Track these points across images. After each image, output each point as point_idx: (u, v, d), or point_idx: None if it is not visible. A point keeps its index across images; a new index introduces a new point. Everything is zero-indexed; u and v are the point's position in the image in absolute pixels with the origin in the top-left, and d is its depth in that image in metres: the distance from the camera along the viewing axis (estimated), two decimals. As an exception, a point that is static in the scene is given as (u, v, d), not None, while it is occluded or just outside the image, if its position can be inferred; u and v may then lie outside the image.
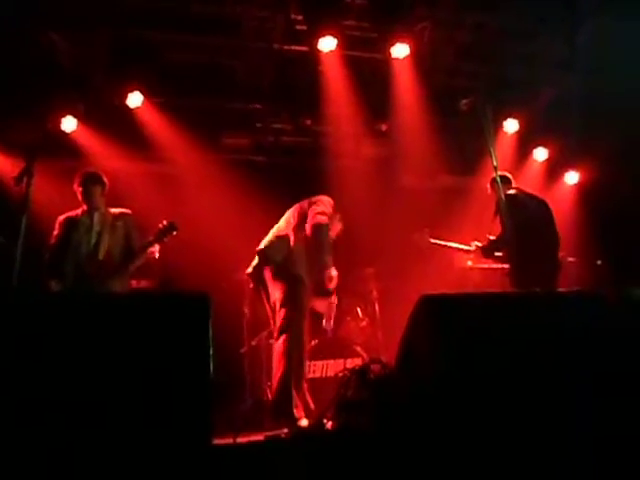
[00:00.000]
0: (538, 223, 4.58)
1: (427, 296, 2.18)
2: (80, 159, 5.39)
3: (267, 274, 4.02)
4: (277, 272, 3.97)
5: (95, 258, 4.05)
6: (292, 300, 3.87)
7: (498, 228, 4.37)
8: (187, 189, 5.79)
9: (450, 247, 5.11)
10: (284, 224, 4.20)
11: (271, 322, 4.09)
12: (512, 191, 4.66)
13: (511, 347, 2.09)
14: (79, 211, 4.24)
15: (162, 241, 4.15)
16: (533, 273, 4.17)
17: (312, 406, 3.89)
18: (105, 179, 4.29)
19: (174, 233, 4.13)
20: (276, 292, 3.94)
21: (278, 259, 4.00)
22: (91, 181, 4.21)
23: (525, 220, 4.34)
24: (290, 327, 3.80)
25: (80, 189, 4.19)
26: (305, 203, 4.20)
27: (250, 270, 4.21)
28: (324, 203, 4.15)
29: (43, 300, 2.22)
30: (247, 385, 4.92)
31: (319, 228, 3.95)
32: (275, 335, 3.92)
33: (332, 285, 3.95)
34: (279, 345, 3.81)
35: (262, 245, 4.16)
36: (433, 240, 5.11)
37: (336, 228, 4.33)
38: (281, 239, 4.10)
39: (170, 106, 5.63)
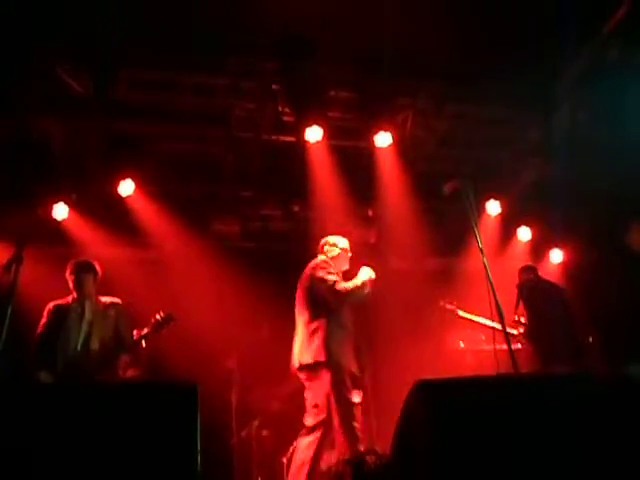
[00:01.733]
0: (558, 307, 4.92)
1: (421, 382, 2.15)
2: (70, 246, 5.40)
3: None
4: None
5: (87, 348, 3.97)
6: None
7: (522, 311, 4.85)
8: (176, 275, 5.79)
9: (481, 323, 5.04)
10: (301, 326, 4.06)
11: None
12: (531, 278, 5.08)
13: (509, 431, 2.04)
14: (69, 299, 4.19)
15: (159, 333, 4.10)
16: (556, 352, 4.63)
17: None
18: (98, 268, 4.29)
19: (171, 324, 4.09)
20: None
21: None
22: (84, 270, 4.20)
23: (546, 307, 4.85)
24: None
25: (72, 277, 4.17)
26: (304, 279, 4.12)
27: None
28: (320, 264, 4.08)
29: (27, 390, 2.16)
30: (237, 479, 4.69)
31: (343, 296, 3.88)
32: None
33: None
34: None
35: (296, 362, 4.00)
36: (462, 313, 5.05)
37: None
38: None
39: (161, 194, 5.74)
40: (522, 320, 4.94)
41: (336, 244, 4.27)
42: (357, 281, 3.96)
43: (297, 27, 4.74)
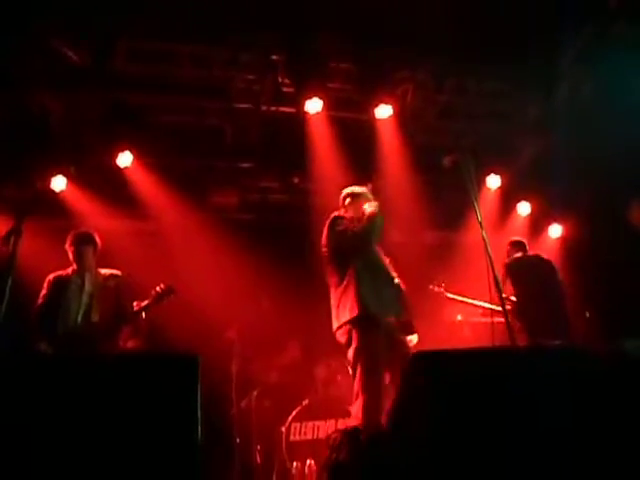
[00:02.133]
0: (546, 283, 4.91)
1: (418, 353, 2.17)
2: (69, 218, 5.40)
3: None
4: None
5: (87, 319, 4.00)
6: None
7: (510, 288, 4.84)
8: (175, 247, 5.80)
9: (470, 304, 5.07)
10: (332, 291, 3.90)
11: None
12: (518, 254, 5.04)
13: (504, 402, 2.08)
14: (69, 270, 4.19)
15: (159, 305, 4.12)
16: (544, 329, 4.58)
17: None
18: (98, 239, 4.28)
19: (172, 297, 4.11)
20: None
21: None
22: (83, 241, 4.19)
23: (534, 284, 4.84)
24: None
25: (72, 249, 4.16)
26: (321, 245, 3.94)
27: None
28: (328, 224, 3.93)
29: (28, 362, 2.18)
30: (237, 449, 4.77)
31: (355, 239, 3.75)
32: None
33: None
34: None
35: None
36: (450, 295, 5.09)
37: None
38: None
39: (159, 166, 5.71)
40: (511, 298, 4.95)
41: (349, 193, 4.14)
42: (364, 218, 3.83)
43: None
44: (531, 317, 4.73)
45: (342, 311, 3.68)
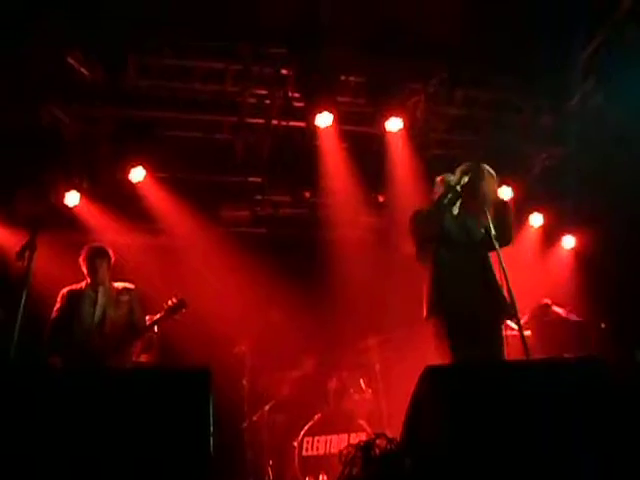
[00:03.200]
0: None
1: (431, 367, 2.15)
2: (83, 233, 5.45)
3: None
4: None
5: (100, 333, 4.01)
6: None
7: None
8: (187, 262, 5.82)
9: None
10: None
11: None
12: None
13: (518, 415, 2.05)
14: (83, 284, 4.23)
15: (172, 318, 4.13)
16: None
17: None
18: (111, 253, 4.31)
19: (184, 310, 4.11)
20: None
21: None
22: (97, 255, 4.23)
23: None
24: None
25: (86, 263, 4.20)
26: None
27: None
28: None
29: (42, 376, 2.19)
30: (248, 463, 4.74)
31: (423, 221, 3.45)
32: None
33: None
34: None
35: None
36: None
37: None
38: None
39: (171, 180, 5.76)
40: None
41: (436, 183, 3.81)
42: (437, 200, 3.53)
43: (307, 11, 4.71)
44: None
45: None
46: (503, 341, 3.43)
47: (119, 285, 4.30)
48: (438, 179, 3.85)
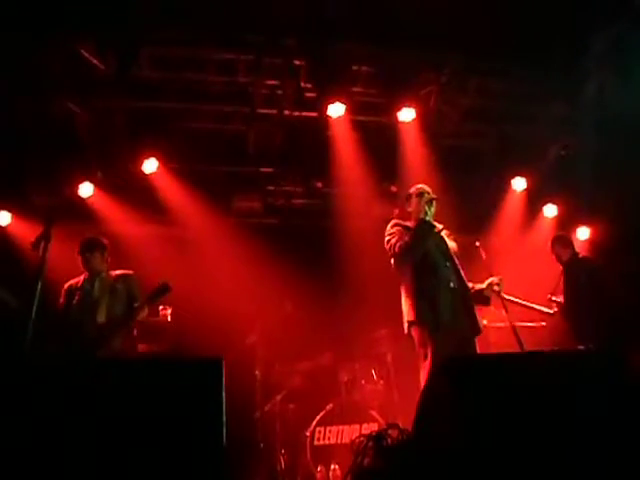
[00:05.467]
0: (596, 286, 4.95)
1: (445, 359, 2.14)
2: (97, 224, 5.49)
3: None
4: None
5: (94, 322, 4.04)
6: None
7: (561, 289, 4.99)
8: (200, 252, 5.85)
9: (525, 306, 4.98)
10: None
11: None
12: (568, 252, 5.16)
13: (532, 409, 2.04)
14: (81, 277, 4.29)
15: (154, 302, 4.13)
16: (591, 332, 4.67)
17: None
18: (105, 242, 4.35)
19: (166, 294, 4.09)
20: None
21: None
22: (88, 248, 4.28)
23: (585, 286, 4.91)
24: None
25: (80, 257, 4.27)
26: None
27: None
28: (387, 231, 3.92)
29: (53, 366, 2.21)
30: (261, 453, 4.78)
31: (405, 253, 3.72)
32: None
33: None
34: None
35: None
36: (507, 296, 4.99)
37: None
38: None
39: (184, 171, 5.78)
40: (556, 299, 4.94)
41: (410, 195, 4.04)
42: (413, 231, 3.78)
43: (319, 2, 4.67)
44: (579, 318, 4.76)
45: (404, 310, 3.83)
46: None
47: (116, 272, 4.33)
48: (412, 191, 4.02)
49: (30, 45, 4.52)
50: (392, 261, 3.93)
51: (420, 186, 4.02)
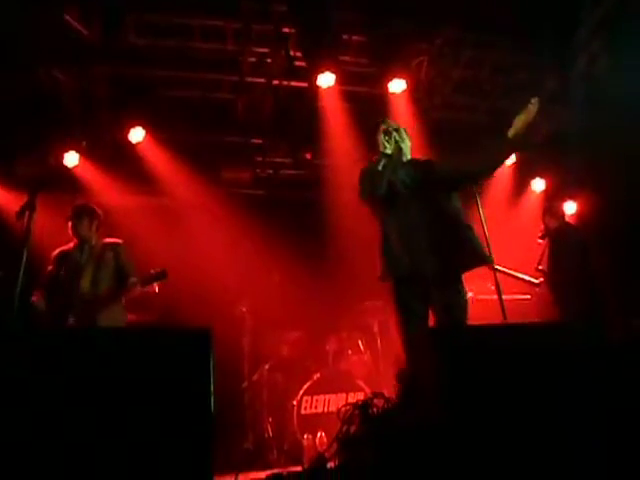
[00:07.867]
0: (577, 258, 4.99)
1: (431, 328, 2.17)
2: (82, 193, 5.43)
3: None
4: None
5: (83, 291, 4.04)
6: None
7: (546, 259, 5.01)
8: (188, 222, 5.82)
9: (514, 276, 5.01)
10: None
11: None
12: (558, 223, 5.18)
13: (516, 377, 2.08)
14: (72, 244, 4.27)
15: (148, 286, 4.14)
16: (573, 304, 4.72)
17: None
18: (97, 210, 4.33)
19: (163, 280, 4.10)
20: None
21: None
22: (78, 214, 4.26)
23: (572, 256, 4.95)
24: None
25: (69, 223, 4.25)
26: None
27: None
28: None
29: (40, 335, 2.20)
30: (248, 422, 4.85)
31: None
32: None
33: None
34: None
35: None
36: (498, 267, 5.01)
37: None
38: None
39: (171, 141, 5.70)
40: (542, 268, 5.00)
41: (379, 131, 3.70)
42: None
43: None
44: (563, 290, 4.83)
45: None
46: (462, 299, 3.18)
47: (106, 241, 4.32)
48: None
49: (13, 11, 4.38)
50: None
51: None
